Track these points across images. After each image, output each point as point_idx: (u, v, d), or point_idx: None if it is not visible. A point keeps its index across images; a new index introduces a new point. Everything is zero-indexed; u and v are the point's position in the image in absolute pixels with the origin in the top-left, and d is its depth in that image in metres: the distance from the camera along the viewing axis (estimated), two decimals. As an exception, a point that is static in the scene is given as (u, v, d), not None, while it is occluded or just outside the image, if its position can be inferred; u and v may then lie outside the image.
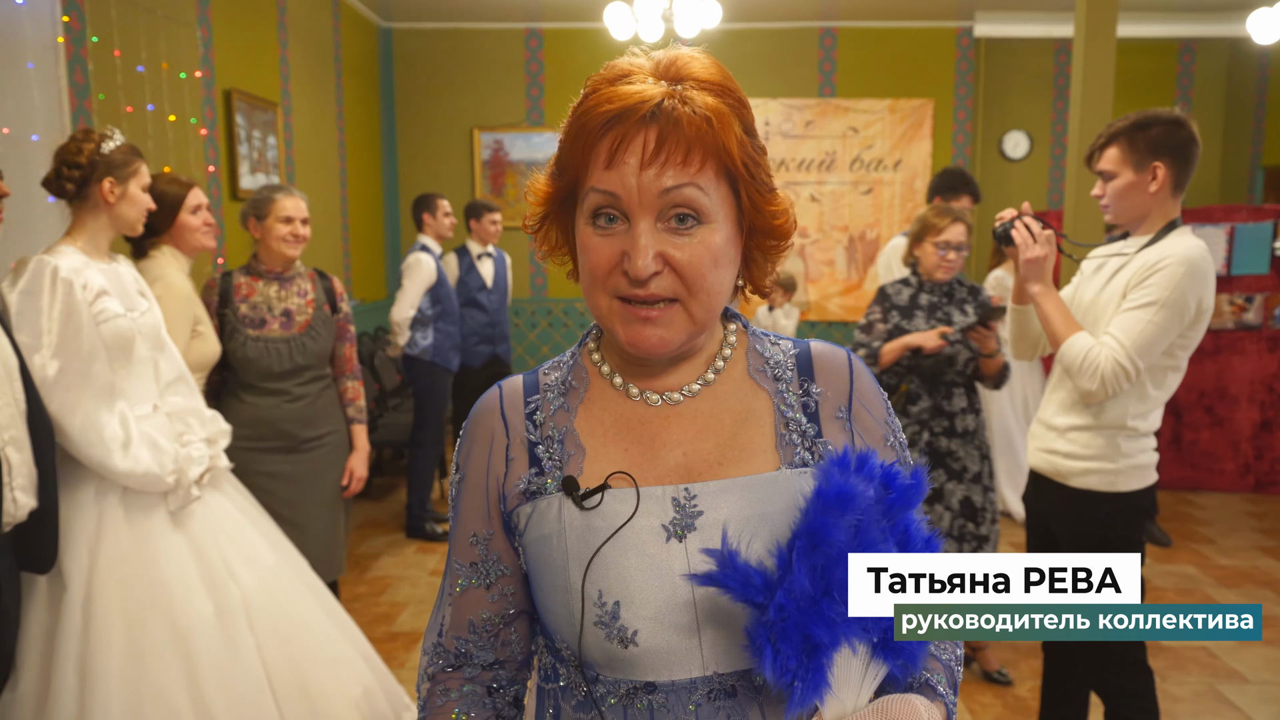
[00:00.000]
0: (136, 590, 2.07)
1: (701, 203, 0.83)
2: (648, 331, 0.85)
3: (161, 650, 2.05)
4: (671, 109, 0.82)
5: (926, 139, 7.39)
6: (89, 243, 2.20)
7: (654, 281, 0.83)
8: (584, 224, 0.86)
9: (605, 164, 0.83)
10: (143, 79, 3.94)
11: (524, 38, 7.32)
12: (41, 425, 1.91)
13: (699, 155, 0.83)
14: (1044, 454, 2.22)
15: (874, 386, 0.98)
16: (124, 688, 1.98)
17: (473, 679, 0.97)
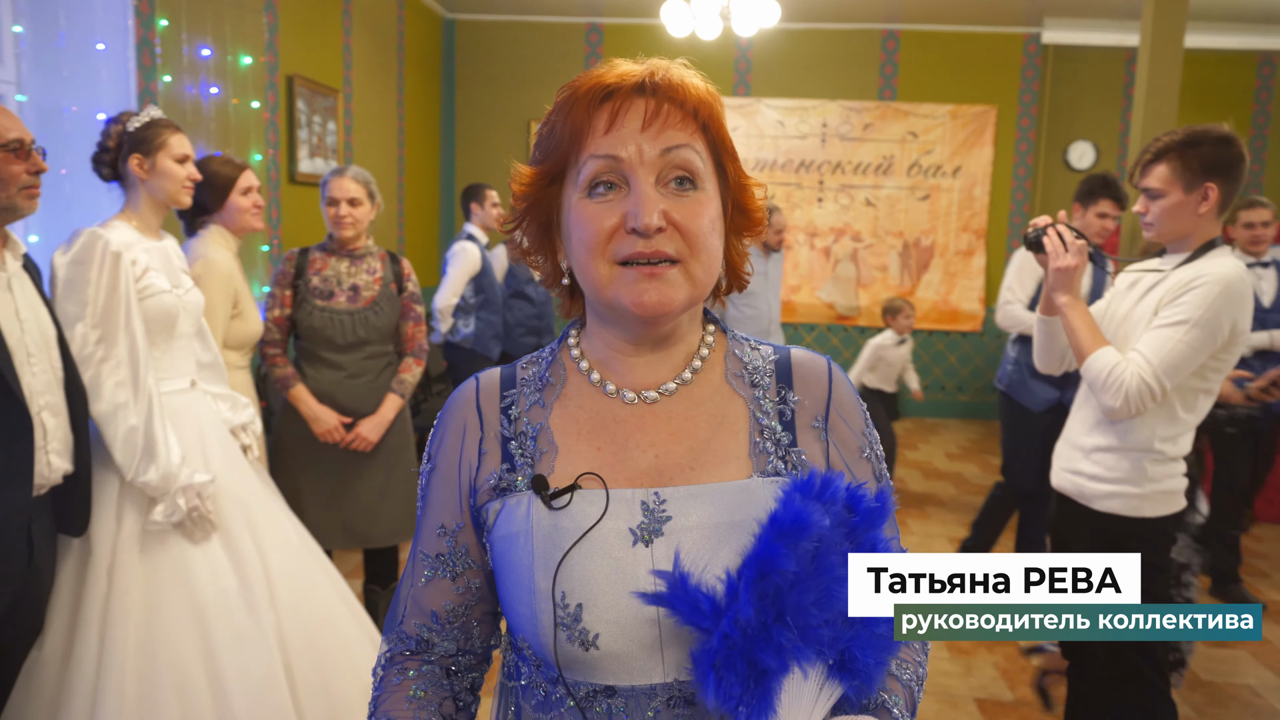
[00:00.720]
0: (158, 561, 2.12)
1: (697, 166, 0.86)
2: (652, 290, 0.85)
3: (179, 621, 2.10)
4: (665, 78, 0.86)
5: (988, 146, 7.25)
6: (139, 220, 2.28)
7: (659, 238, 0.84)
8: (579, 198, 0.87)
9: (605, 130, 0.85)
10: (208, 63, 4.06)
11: (584, 32, 7.36)
12: (77, 393, 1.99)
13: (694, 120, 0.87)
14: (1068, 474, 2.17)
15: (853, 397, 0.97)
16: (140, 655, 2.04)
17: (432, 662, 0.97)
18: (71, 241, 2.13)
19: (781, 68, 7.30)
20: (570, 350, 0.97)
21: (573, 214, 0.88)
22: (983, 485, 5.73)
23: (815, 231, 7.45)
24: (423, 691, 0.94)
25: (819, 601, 0.79)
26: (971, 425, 7.46)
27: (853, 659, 0.80)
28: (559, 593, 0.84)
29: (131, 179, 2.24)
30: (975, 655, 3.39)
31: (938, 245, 7.38)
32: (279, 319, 2.93)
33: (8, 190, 1.80)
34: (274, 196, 4.71)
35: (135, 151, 2.22)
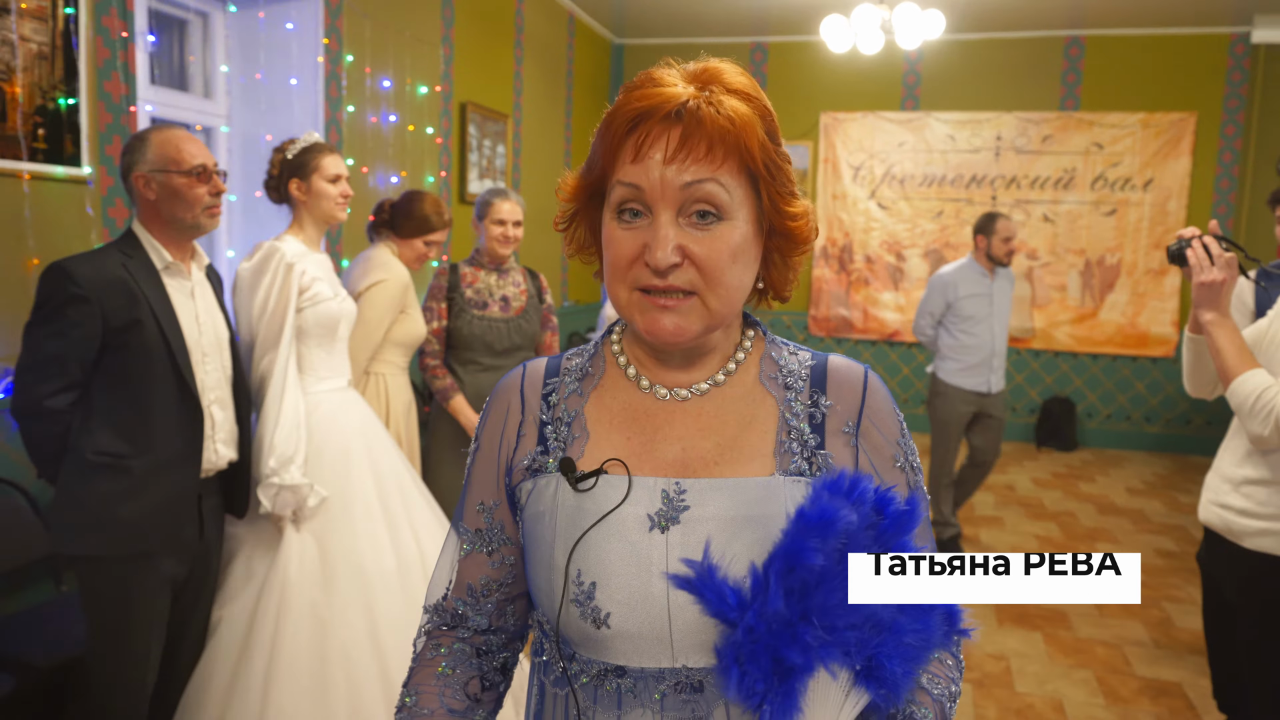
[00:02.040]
0: (332, 538, 2.34)
1: (721, 199, 0.85)
2: (664, 320, 0.86)
3: (348, 593, 2.31)
4: (696, 108, 0.85)
5: (1185, 156, 6.68)
6: (304, 235, 2.53)
7: (673, 273, 0.85)
8: (609, 218, 0.89)
9: (631, 159, 0.86)
10: (388, 93, 4.42)
11: (749, 52, 7.41)
12: (242, 390, 2.24)
13: (721, 152, 0.85)
14: (1216, 508, 1.99)
15: (889, 406, 0.97)
16: (313, 621, 2.26)
17: (464, 639, 1.01)
18: (253, 252, 2.40)
19: (952, 80, 7.05)
20: (613, 345, 1.00)
21: (605, 232, 0.90)
22: (1166, 524, 5.27)
23: (987, 249, 7.11)
24: (451, 669, 0.99)
25: (845, 602, 0.79)
26: (1160, 459, 6.86)
27: (880, 666, 0.80)
28: (575, 570, 0.88)
29: (294, 201, 2.50)
30: (1134, 704, 3.14)
31: (1124, 264, 6.86)
32: (437, 331, 3.16)
33: (193, 210, 2.05)
34: (444, 216, 5.03)
35: (294, 176, 2.48)
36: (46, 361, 1.88)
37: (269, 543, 2.30)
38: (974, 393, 4.42)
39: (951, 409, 4.44)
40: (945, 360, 4.44)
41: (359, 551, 2.34)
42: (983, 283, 4.36)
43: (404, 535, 2.45)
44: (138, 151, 2.00)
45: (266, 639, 2.22)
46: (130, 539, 1.96)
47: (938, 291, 4.41)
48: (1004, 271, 4.45)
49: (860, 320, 7.43)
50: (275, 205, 2.61)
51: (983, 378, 4.40)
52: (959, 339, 4.35)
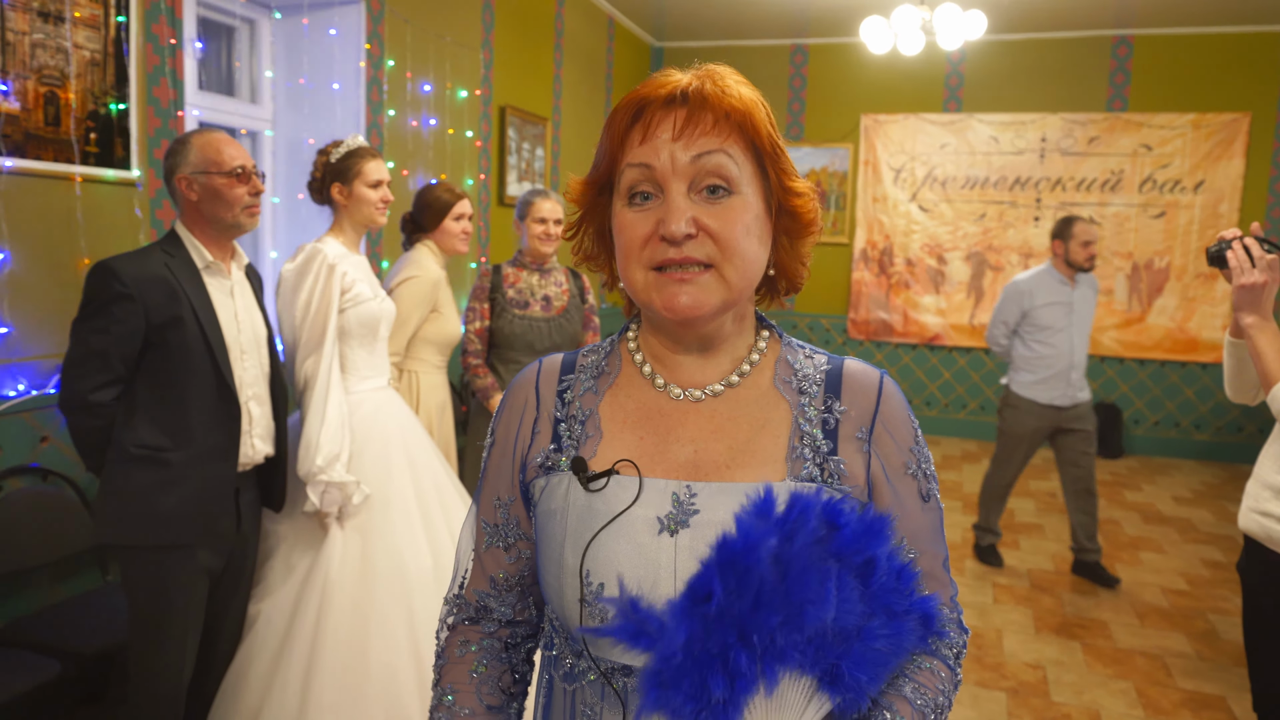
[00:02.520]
0: (373, 537, 2.39)
1: (731, 171, 0.87)
2: (682, 294, 0.87)
3: (389, 591, 2.35)
4: (699, 88, 0.88)
5: (1238, 158, 6.52)
6: (345, 238, 2.58)
7: (689, 244, 0.86)
8: (620, 206, 0.90)
9: (639, 141, 0.88)
10: (429, 97, 4.49)
11: (789, 54, 7.38)
12: (279, 388, 2.29)
13: (726, 126, 0.87)
14: (1256, 516, 1.94)
15: (904, 412, 0.96)
16: (354, 617, 2.31)
17: (491, 634, 1.03)
18: (296, 254, 2.46)
19: (995, 81, 6.96)
20: (629, 343, 1.00)
21: (616, 220, 0.92)
22: (1214, 534, 5.14)
23: (1031, 252, 7.01)
24: (484, 666, 1.01)
25: (788, 622, 0.78)
26: (1209, 467, 6.69)
27: (843, 674, 0.80)
28: (585, 570, 0.89)
29: (335, 204, 2.55)
30: (1176, 716, 3.07)
31: (1174, 267, 6.71)
32: (480, 330, 3.20)
33: (233, 210, 2.11)
34: (484, 217, 5.10)
35: (336, 180, 2.52)
36: (91, 357, 1.94)
37: (309, 539, 2.35)
38: (1049, 406, 4.19)
39: (1021, 423, 4.24)
40: (1019, 371, 4.25)
41: (399, 550, 2.38)
42: (1062, 290, 4.14)
43: (440, 534, 2.49)
44: (180, 154, 2.07)
45: (308, 634, 2.26)
46: (168, 530, 2.02)
47: (1013, 300, 4.20)
48: (1085, 278, 4.22)
49: (900, 324, 7.35)
50: (318, 207, 2.67)
51: (1059, 390, 4.17)
52: (1034, 349, 4.14)
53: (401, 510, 2.43)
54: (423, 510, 2.48)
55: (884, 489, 0.93)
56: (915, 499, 0.94)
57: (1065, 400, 4.17)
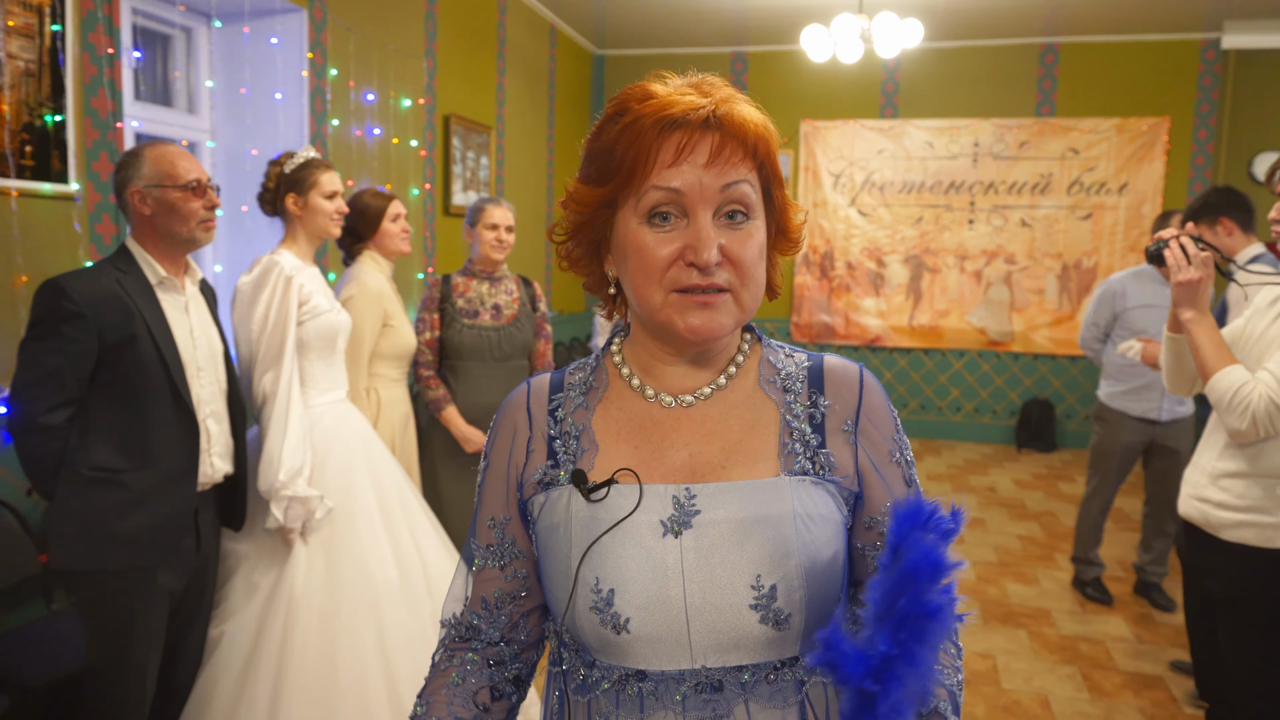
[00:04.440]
0: (339, 552, 2.36)
1: (752, 200, 0.91)
2: (704, 317, 0.89)
3: (358, 606, 2.33)
4: (727, 114, 0.89)
5: (1159, 161, 6.80)
6: (298, 249, 2.54)
7: (716, 271, 0.89)
8: (637, 224, 0.90)
9: (670, 163, 0.88)
10: (372, 106, 4.44)
11: (729, 61, 7.48)
12: (237, 404, 2.25)
13: (752, 155, 0.90)
14: (1195, 502, 2.04)
15: (884, 403, 1.00)
16: (322, 635, 2.27)
17: (477, 651, 1.03)
18: (253, 266, 2.42)
19: (930, 88, 7.15)
20: (614, 357, 1.03)
21: (631, 239, 0.91)
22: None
23: (966, 254, 7.21)
24: (461, 679, 1.01)
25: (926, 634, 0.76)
26: (1141, 458, 6.96)
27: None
28: (593, 578, 0.90)
29: (289, 215, 2.51)
30: (1118, 698, 3.19)
31: (1100, 267, 6.96)
32: (430, 341, 3.18)
33: (188, 224, 2.07)
34: (430, 227, 5.06)
35: (291, 191, 2.49)
36: (43, 378, 1.89)
37: (272, 556, 2.31)
38: (1141, 419, 3.82)
39: (1113, 438, 3.86)
40: (1110, 380, 3.90)
41: (365, 562, 2.36)
42: (1159, 292, 3.73)
43: (406, 546, 2.47)
44: (132, 167, 2.02)
45: (273, 652, 2.23)
46: (129, 553, 1.97)
47: (1105, 301, 3.87)
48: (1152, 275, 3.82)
49: (842, 326, 7.49)
50: (267, 219, 2.63)
51: (1153, 403, 3.78)
52: (1126, 356, 3.63)
53: (366, 522, 2.41)
54: (387, 522, 2.46)
55: (873, 477, 0.97)
56: (901, 485, 0.98)
57: (1161, 414, 3.80)
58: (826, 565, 0.91)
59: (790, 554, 0.89)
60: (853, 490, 0.96)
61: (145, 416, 1.98)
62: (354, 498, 2.44)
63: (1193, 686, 3.23)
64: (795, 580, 0.89)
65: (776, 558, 0.89)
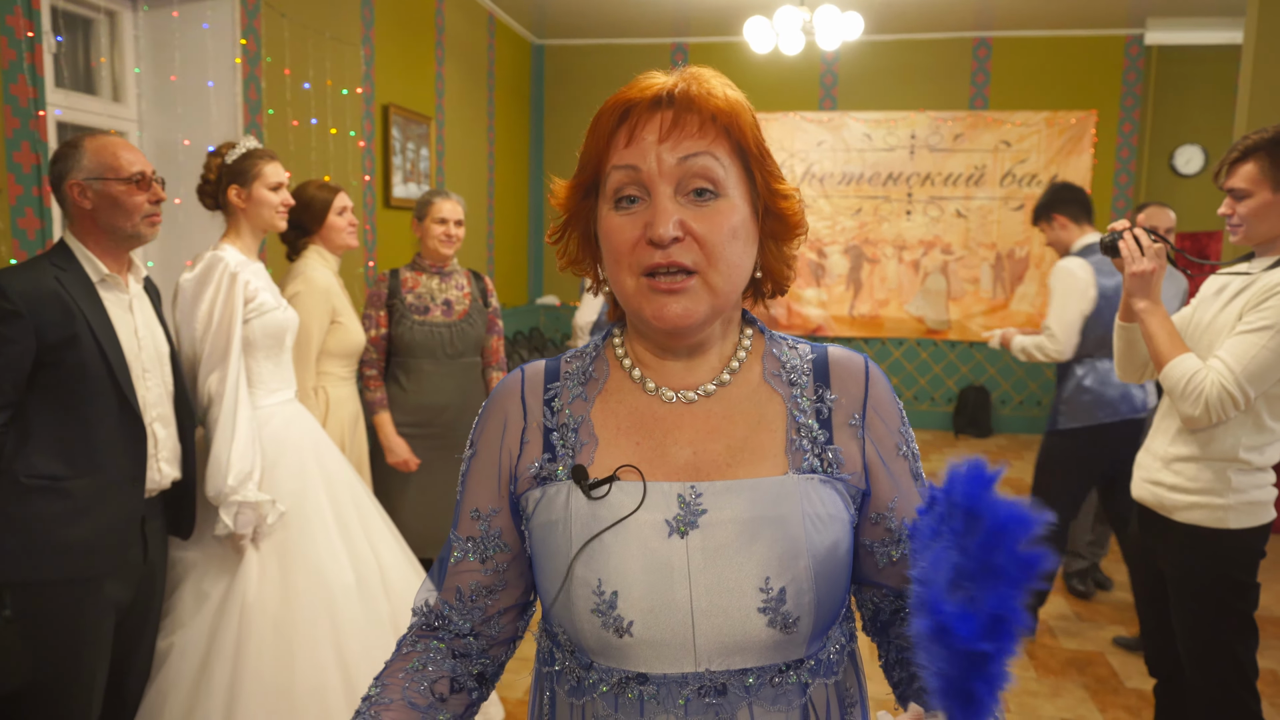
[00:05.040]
0: (293, 556, 2.28)
1: (717, 174, 0.87)
2: (672, 304, 0.86)
3: (313, 612, 2.25)
4: (685, 90, 0.87)
5: (1086, 153, 7.01)
6: (242, 244, 2.44)
7: (675, 248, 0.85)
8: (607, 210, 0.89)
9: (625, 144, 0.87)
10: (309, 95, 4.31)
11: (670, 52, 7.47)
12: (185, 407, 2.15)
13: (712, 128, 0.87)
14: (1148, 485, 2.10)
15: (890, 395, 0.98)
16: (278, 642, 2.19)
17: (444, 640, 0.99)
18: (195, 263, 2.31)
19: (868, 80, 7.25)
20: (615, 348, 0.99)
21: (602, 225, 0.90)
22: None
23: (904, 245, 7.34)
24: (422, 665, 0.97)
25: None
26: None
27: None
28: (595, 579, 0.87)
29: (232, 208, 2.41)
30: (1064, 675, 3.28)
31: (1032, 256, 7.16)
32: (376, 339, 3.09)
33: (132, 219, 1.96)
34: (370, 221, 4.94)
35: (233, 183, 2.39)
36: None
37: (222, 564, 2.22)
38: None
39: None
40: None
41: (320, 567, 2.28)
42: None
43: (361, 549, 2.40)
44: (71, 159, 1.91)
45: (227, 663, 2.15)
46: (74, 563, 1.87)
47: None
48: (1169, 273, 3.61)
49: (784, 317, 7.56)
50: (205, 213, 2.52)
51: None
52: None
53: (320, 526, 2.33)
54: (341, 524, 2.39)
55: (880, 472, 0.95)
56: (909, 479, 0.97)
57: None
58: (834, 566, 0.89)
59: (799, 555, 0.87)
60: (860, 488, 0.94)
61: (88, 421, 1.88)
62: (306, 501, 2.36)
63: (1136, 662, 3.35)
64: (805, 583, 0.87)
65: (786, 559, 0.87)
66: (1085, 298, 3.27)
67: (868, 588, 1.00)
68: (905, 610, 0.99)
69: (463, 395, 3.15)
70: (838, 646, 0.94)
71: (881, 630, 1.02)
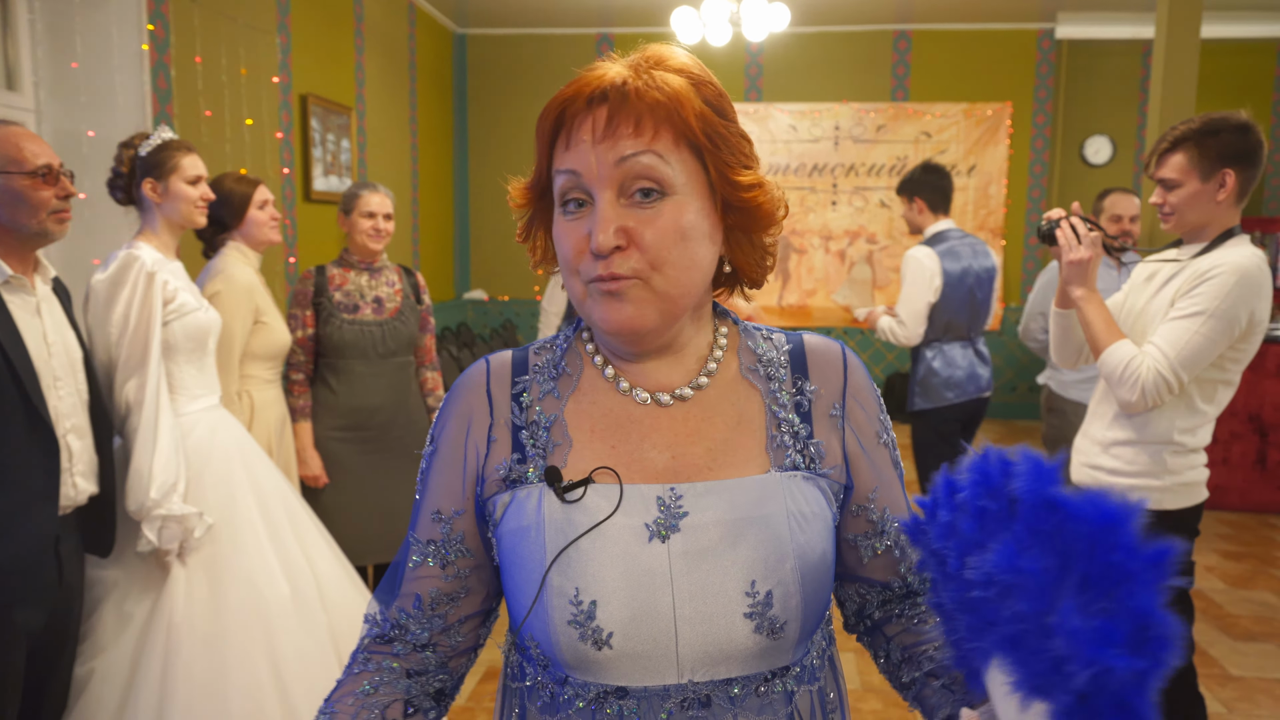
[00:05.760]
0: (222, 570, 2.17)
1: (661, 172, 0.81)
2: (616, 309, 0.82)
3: (246, 626, 2.14)
4: (621, 85, 0.81)
5: (1003, 144, 7.20)
6: (158, 241, 2.30)
7: (616, 258, 0.81)
8: (557, 214, 0.86)
9: (565, 145, 0.83)
10: (222, 85, 4.12)
11: (595, 43, 7.40)
12: (101, 416, 2.02)
13: (651, 124, 0.81)
14: (1087, 469, 2.14)
15: (868, 381, 0.96)
16: (209, 661, 2.08)
17: (399, 655, 0.93)
18: (108, 262, 2.17)
19: (793, 72, 7.30)
20: (585, 343, 0.94)
21: (555, 229, 0.87)
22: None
23: (830, 235, 7.43)
24: (374, 688, 0.90)
25: None
26: (991, 425, 7.40)
27: None
28: (572, 589, 0.82)
29: (146, 203, 2.27)
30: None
31: (954, 245, 7.34)
32: (303, 340, 2.96)
33: (38, 215, 1.83)
34: (290, 215, 4.76)
35: (148, 176, 2.25)
36: None
37: (145, 582, 2.10)
38: None
39: (1070, 428, 3.44)
40: (1061, 371, 3.57)
41: (252, 580, 2.17)
42: (1105, 275, 3.40)
43: (296, 559, 2.30)
44: None
45: (154, 686, 2.03)
46: None
47: (1050, 286, 3.49)
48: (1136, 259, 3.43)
49: (715, 307, 7.61)
50: (112, 209, 2.37)
51: None
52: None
53: (251, 537, 2.22)
54: (273, 534, 2.29)
55: (861, 461, 0.92)
56: (889, 467, 0.95)
57: None
58: (819, 567, 0.86)
59: (785, 557, 0.83)
60: (842, 482, 0.91)
61: (-7, 435, 1.74)
62: (236, 511, 2.25)
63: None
64: (791, 586, 0.83)
65: (771, 562, 0.83)
66: (931, 287, 3.48)
67: (850, 584, 0.98)
68: (898, 607, 0.98)
69: (396, 396, 3.05)
70: (819, 651, 0.92)
71: (875, 629, 0.99)
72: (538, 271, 0.96)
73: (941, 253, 3.50)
